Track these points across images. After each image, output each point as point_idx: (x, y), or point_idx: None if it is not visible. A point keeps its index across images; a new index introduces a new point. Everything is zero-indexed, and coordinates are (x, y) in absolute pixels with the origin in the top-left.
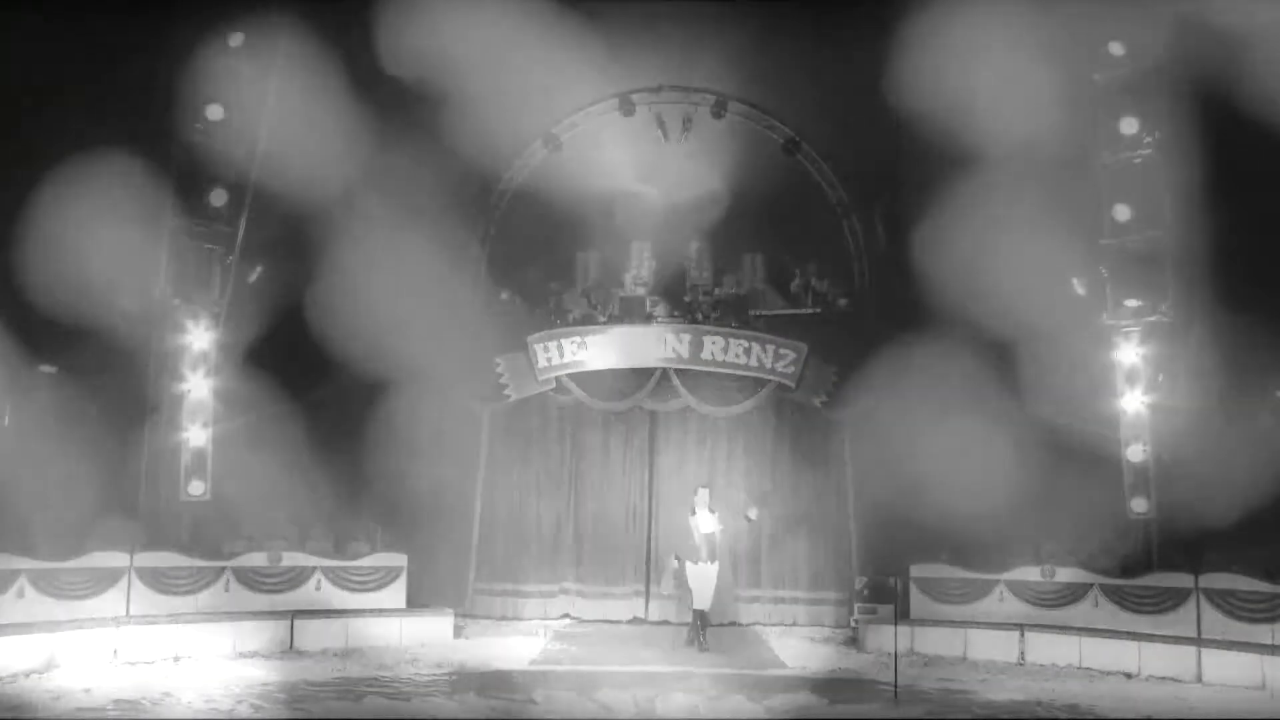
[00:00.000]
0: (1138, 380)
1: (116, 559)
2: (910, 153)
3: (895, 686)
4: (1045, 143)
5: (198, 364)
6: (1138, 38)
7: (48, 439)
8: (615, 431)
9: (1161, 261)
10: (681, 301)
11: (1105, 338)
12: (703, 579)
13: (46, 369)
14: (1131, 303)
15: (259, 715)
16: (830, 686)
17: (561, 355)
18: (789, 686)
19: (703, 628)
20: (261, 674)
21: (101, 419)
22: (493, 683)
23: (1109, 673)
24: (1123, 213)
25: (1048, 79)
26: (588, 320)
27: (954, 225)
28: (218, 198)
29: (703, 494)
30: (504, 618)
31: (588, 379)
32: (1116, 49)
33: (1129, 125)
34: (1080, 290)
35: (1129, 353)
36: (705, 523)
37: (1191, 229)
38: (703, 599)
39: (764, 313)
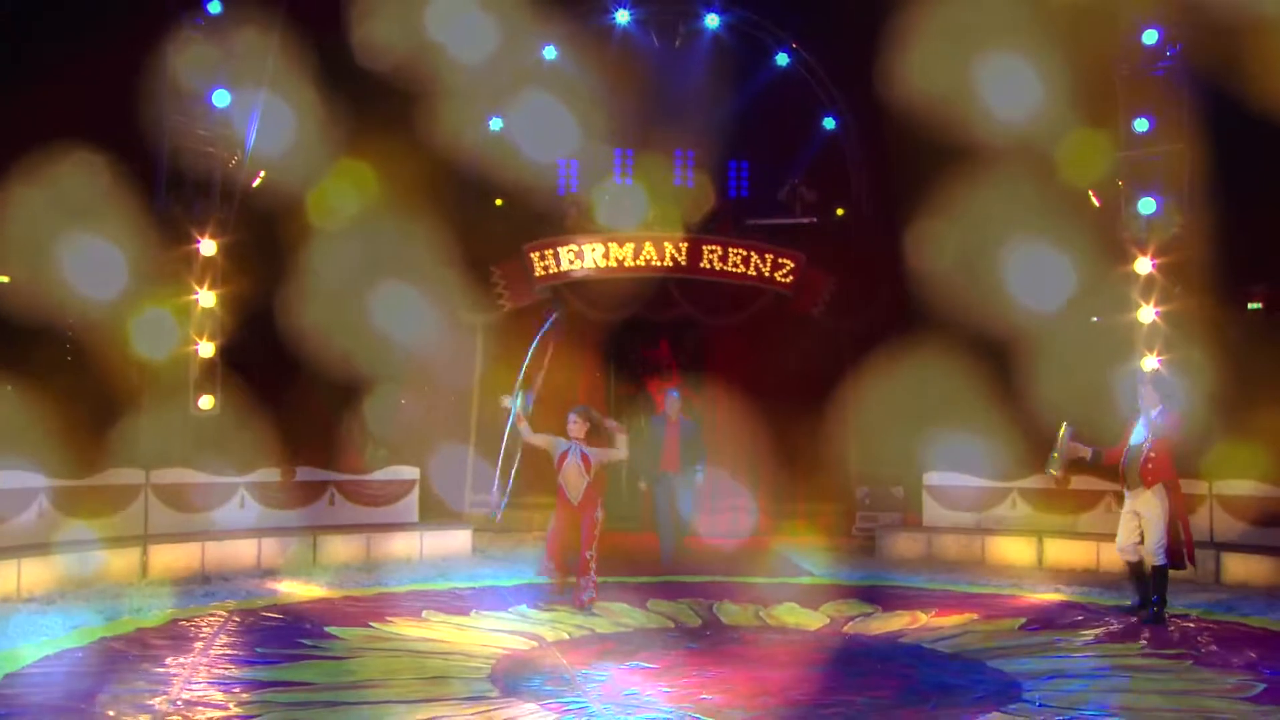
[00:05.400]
0: (1153, 291)
1: (133, 476)
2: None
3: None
4: (1061, 53)
5: (204, 273)
6: None
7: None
8: (612, 341)
9: (1180, 174)
10: (674, 209)
11: (1120, 249)
12: (1153, 515)
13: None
14: (1148, 214)
15: (333, 634)
16: (872, 594)
17: (559, 264)
18: (833, 594)
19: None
20: (302, 590)
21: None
22: (534, 594)
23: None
24: (1142, 125)
25: None
26: (582, 227)
27: (958, 131)
28: (220, 99)
29: (1148, 390)
30: (505, 530)
31: (585, 288)
32: None
33: (1150, 35)
34: (1095, 202)
35: (1144, 264)
36: (1136, 431)
37: (1212, 141)
38: (1157, 545)
39: (760, 222)
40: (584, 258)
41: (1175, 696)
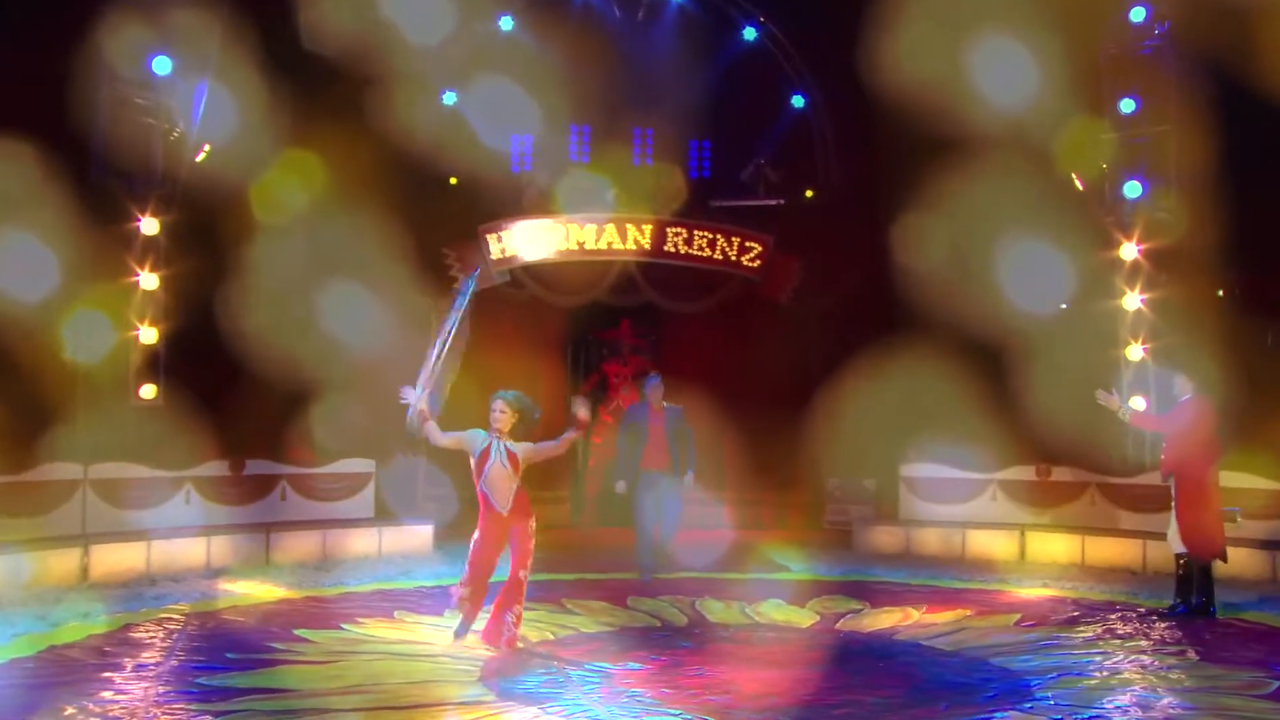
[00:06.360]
0: (1138, 278)
1: (70, 471)
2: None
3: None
4: (1048, 34)
5: (145, 253)
6: None
7: None
8: (572, 328)
9: (1167, 157)
10: (637, 191)
11: (1104, 234)
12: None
13: None
14: (1133, 197)
15: (303, 636)
16: (856, 589)
17: (515, 246)
18: (817, 590)
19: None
20: (259, 590)
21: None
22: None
23: (1114, 569)
24: (1128, 106)
25: None
26: (541, 206)
27: (933, 111)
28: (160, 65)
29: (1180, 381)
30: (467, 527)
31: (544, 272)
32: None
33: (1138, 13)
34: (1079, 186)
35: (1129, 250)
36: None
37: (1202, 123)
38: (1171, 535)
39: (724, 203)
40: (542, 239)
41: (1190, 694)
